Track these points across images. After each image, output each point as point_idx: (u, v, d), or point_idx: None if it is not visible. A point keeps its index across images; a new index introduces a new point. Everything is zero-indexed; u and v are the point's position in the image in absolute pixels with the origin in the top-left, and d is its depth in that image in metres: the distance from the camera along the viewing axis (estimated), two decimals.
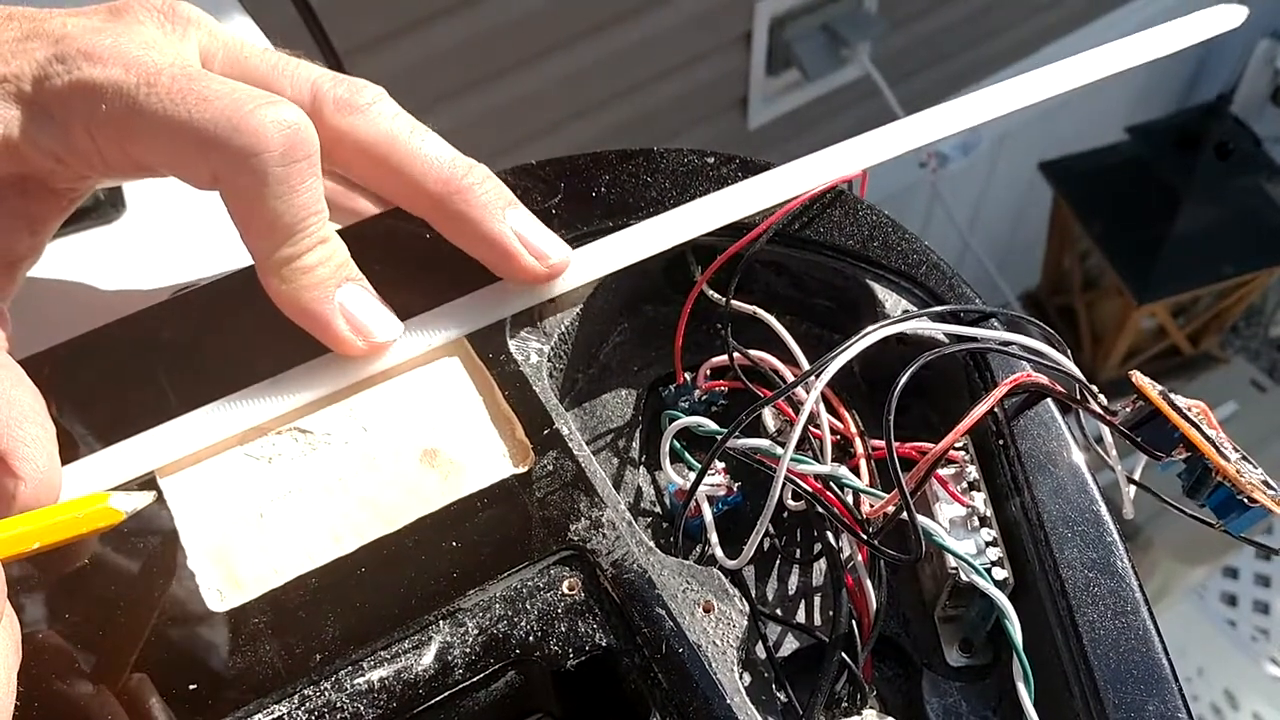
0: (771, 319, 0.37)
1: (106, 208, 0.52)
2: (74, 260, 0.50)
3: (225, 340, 0.35)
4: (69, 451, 0.31)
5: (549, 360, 0.36)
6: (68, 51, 0.31)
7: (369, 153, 0.34)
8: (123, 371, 0.35)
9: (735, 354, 0.36)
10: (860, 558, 0.33)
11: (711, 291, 0.38)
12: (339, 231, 0.33)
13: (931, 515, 0.33)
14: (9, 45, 0.31)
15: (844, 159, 0.38)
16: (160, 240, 0.52)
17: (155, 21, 0.33)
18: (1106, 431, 0.34)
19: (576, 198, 0.39)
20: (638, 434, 0.39)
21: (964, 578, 0.31)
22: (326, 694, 0.30)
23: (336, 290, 0.32)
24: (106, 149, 0.31)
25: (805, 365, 0.36)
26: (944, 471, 0.34)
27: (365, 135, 0.33)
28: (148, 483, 0.32)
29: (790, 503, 0.35)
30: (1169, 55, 0.41)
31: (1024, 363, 0.35)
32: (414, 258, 0.36)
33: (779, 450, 0.32)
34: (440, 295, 0.35)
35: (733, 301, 0.37)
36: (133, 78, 0.30)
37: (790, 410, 0.35)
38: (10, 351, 0.32)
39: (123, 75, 0.30)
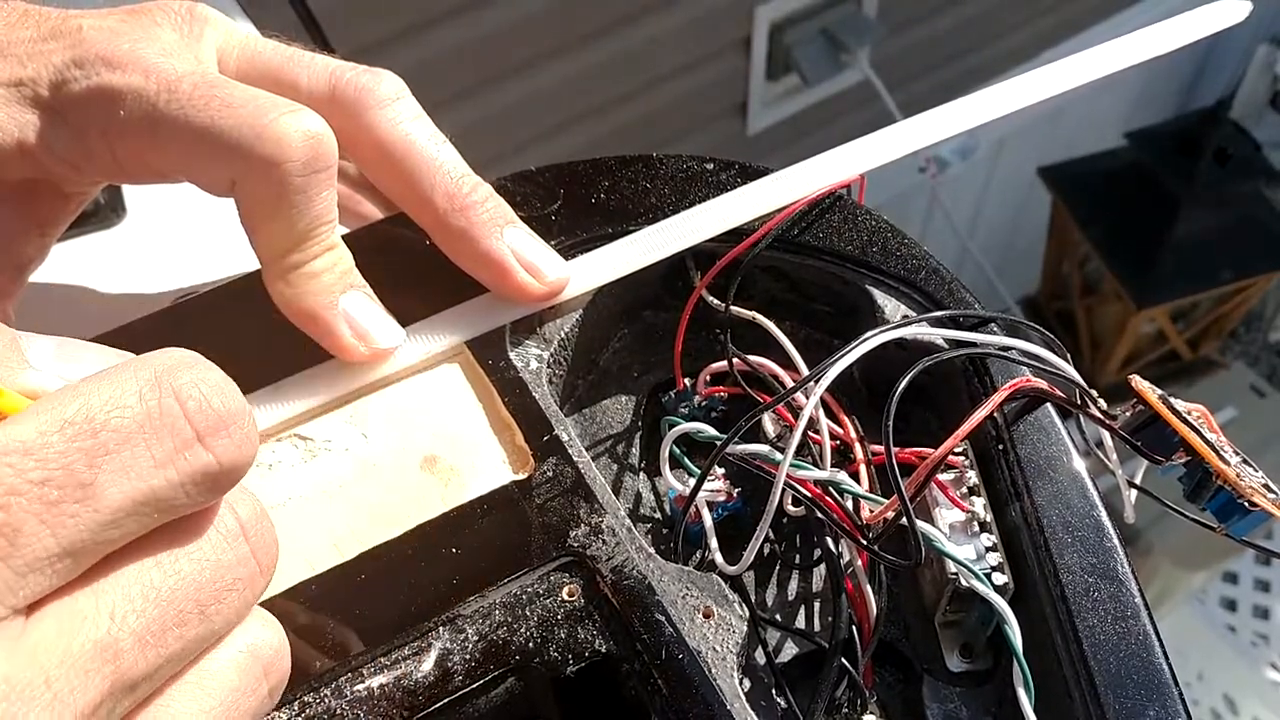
0: (771, 324, 0.37)
1: (107, 212, 0.52)
2: (74, 265, 0.50)
3: (226, 346, 0.35)
4: None
5: (549, 366, 0.36)
6: (86, 56, 0.30)
7: (385, 154, 0.33)
8: None
9: (735, 359, 0.36)
10: (860, 563, 0.33)
11: (711, 297, 0.38)
12: (343, 237, 0.33)
13: (931, 520, 0.33)
14: (25, 46, 0.31)
15: (842, 163, 0.38)
16: (161, 245, 0.52)
17: (173, 24, 0.33)
18: (1106, 436, 0.34)
19: (576, 204, 0.39)
20: (637, 440, 0.39)
21: (964, 583, 0.31)
22: (327, 700, 0.30)
23: (340, 296, 0.32)
24: (123, 155, 0.31)
25: (805, 370, 0.36)
26: (944, 476, 0.34)
27: (383, 135, 0.33)
28: None
29: (790, 508, 0.35)
30: (1168, 59, 0.41)
31: (1023, 368, 0.35)
32: (415, 265, 0.36)
33: (779, 456, 0.32)
34: (441, 302, 0.35)
35: (732, 307, 0.37)
36: (153, 84, 0.30)
37: (790, 416, 0.35)
38: None
39: (142, 82, 0.30)
